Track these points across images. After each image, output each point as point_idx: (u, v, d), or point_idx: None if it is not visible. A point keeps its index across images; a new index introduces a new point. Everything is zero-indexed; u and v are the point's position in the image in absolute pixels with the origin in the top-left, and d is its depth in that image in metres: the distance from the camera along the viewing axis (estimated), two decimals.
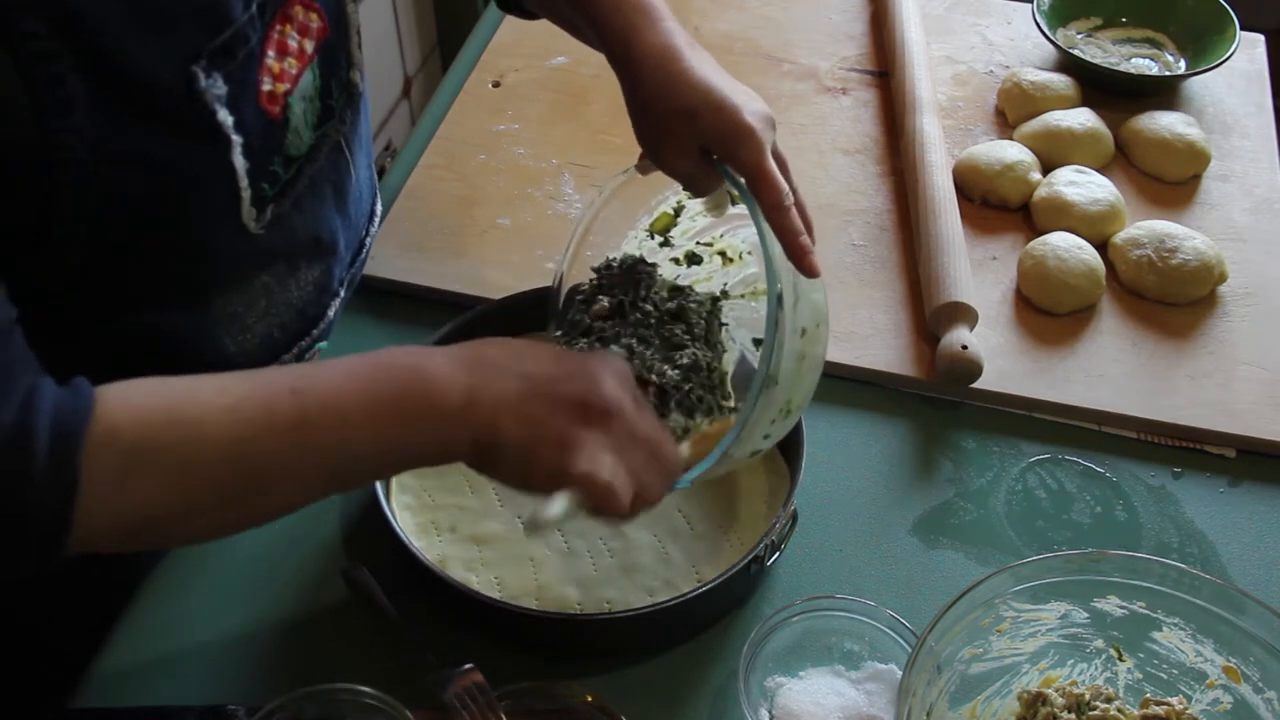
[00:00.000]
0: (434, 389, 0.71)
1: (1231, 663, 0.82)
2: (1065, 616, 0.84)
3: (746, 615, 0.93)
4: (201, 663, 0.89)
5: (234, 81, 0.75)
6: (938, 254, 1.15)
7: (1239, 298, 1.19)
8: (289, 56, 0.81)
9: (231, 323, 0.86)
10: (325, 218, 0.91)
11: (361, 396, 0.70)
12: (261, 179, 0.80)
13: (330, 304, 0.97)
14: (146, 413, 0.66)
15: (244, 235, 0.80)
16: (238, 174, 0.77)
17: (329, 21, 0.84)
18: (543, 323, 1.08)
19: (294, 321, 0.93)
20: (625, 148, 1.33)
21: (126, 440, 0.65)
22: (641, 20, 0.84)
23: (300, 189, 0.85)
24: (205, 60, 0.73)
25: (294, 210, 0.85)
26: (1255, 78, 1.46)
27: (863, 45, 1.50)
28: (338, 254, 0.96)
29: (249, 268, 0.85)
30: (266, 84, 0.78)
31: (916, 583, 0.96)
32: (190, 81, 0.72)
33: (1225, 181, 1.33)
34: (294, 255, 0.89)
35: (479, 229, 1.23)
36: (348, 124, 0.89)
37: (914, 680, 0.76)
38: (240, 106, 0.76)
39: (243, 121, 0.76)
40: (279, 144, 0.82)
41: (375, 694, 0.82)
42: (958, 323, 1.09)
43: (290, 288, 0.90)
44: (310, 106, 0.84)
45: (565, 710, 0.84)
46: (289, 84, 0.81)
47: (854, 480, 1.04)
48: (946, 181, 1.24)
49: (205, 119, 0.74)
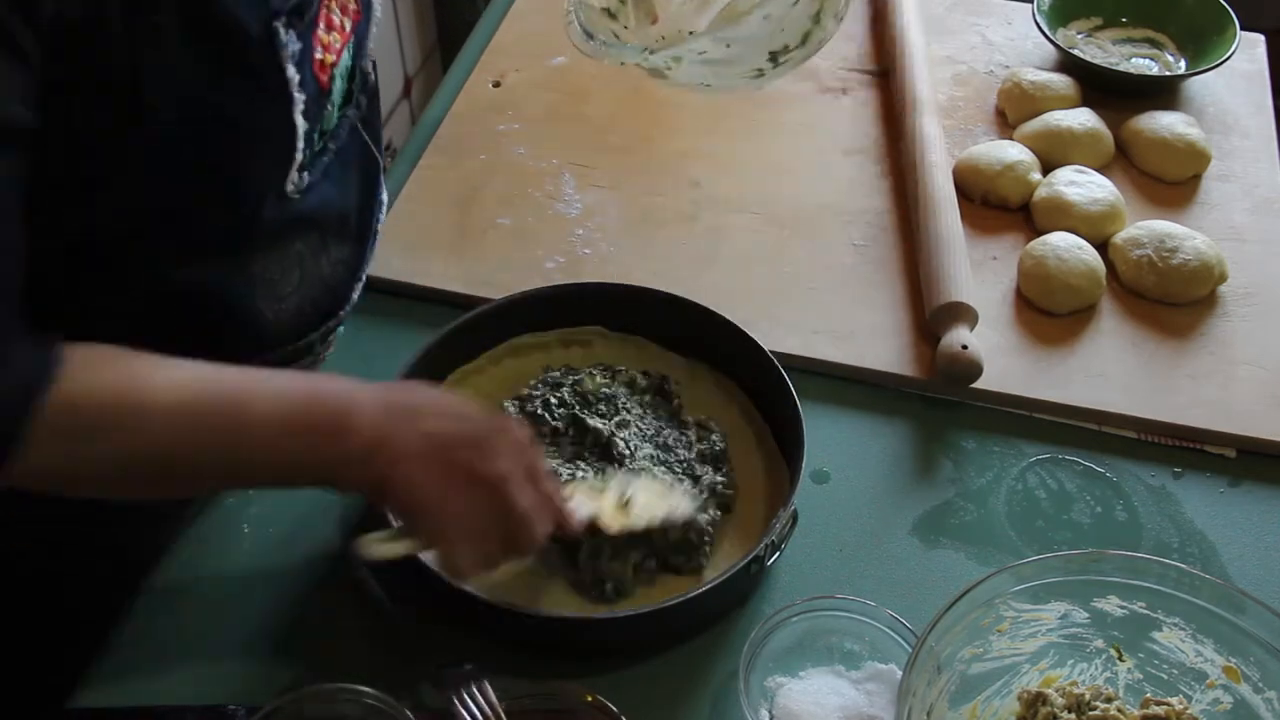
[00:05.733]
0: (350, 431, 0.78)
1: (1231, 663, 0.82)
2: (1065, 616, 0.84)
3: (746, 615, 0.93)
4: (201, 663, 0.89)
5: (302, 41, 0.81)
6: (937, 254, 1.15)
7: (1239, 298, 1.19)
8: (334, 31, 0.86)
9: (268, 289, 0.90)
10: (354, 198, 0.95)
11: (290, 417, 0.78)
12: (309, 145, 0.85)
13: (356, 287, 1.01)
14: (101, 394, 0.72)
15: (283, 198, 0.85)
16: (297, 132, 0.83)
17: (361, 5, 0.90)
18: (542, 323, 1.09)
19: (324, 297, 0.96)
20: (625, 147, 1.34)
21: (79, 417, 0.71)
22: None
23: (328, 162, 0.89)
24: (285, 17, 0.79)
25: (324, 180, 0.89)
26: (1255, 78, 1.46)
27: (863, 45, 1.50)
28: (367, 240, 1.00)
29: (286, 232, 0.89)
30: (319, 53, 0.84)
31: (916, 583, 0.96)
32: (272, 36, 0.78)
33: (1225, 181, 1.32)
34: (325, 227, 0.93)
35: (479, 229, 1.23)
36: (363, 109, 0.94)
37: (914, 680, 0.76)
38: (303, 68, 0.81)
39: (304, 83, 0.82)
40: (322, 114, 0.87)
41: (375, 694, 0.81)
42: (957, 323, 1.09)
43: (322, 262, 0.94)
44: (343, 86, 0.90)
45: (565, 710, 0.84)
46: (335, 56, 0.86)
47: (854, 480, 1.04)
48: (946, 181, 1.24)
49: (278, 73, 0.80)
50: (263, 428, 0.77)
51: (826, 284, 1.20)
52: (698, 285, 1.10)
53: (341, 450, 0.78)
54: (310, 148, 0.85)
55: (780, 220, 1.27)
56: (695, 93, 1.24)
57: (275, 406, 0.78)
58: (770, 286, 1.19)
